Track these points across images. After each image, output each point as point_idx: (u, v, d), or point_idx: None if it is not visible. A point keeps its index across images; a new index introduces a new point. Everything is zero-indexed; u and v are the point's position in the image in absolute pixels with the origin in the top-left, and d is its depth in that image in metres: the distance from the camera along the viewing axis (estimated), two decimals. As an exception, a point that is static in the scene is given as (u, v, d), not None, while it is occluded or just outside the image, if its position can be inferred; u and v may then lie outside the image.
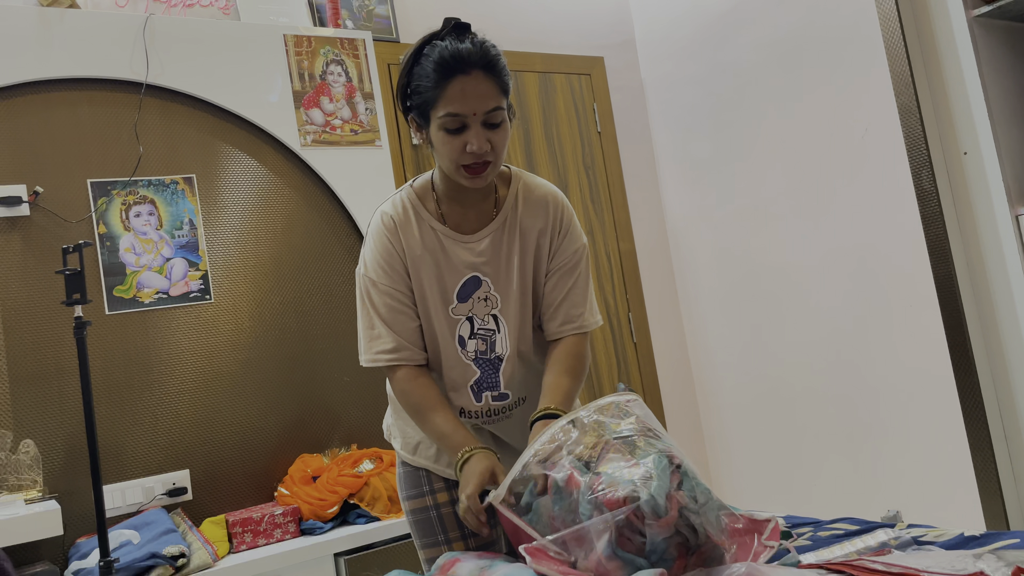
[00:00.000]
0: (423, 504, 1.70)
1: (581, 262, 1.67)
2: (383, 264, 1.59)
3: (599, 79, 3.80)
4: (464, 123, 1.47)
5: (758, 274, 3.46)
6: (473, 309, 1.62)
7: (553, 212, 1.65)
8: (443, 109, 1.46)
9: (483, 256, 1.61)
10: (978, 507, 2.69)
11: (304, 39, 2.92)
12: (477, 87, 1.45)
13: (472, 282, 1.62)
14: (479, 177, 1.51)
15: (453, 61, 1.45)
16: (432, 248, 1.60)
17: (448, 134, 1.48)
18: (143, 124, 2.65)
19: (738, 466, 3.66)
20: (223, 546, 2.40)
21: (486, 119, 1.47)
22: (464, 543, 1.66)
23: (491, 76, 1.47)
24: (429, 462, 1.71)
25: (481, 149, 1.47)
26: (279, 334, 2.78)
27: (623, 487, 1.16)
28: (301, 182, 2.89)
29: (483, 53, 1.47)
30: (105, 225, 2.56)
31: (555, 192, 1.69)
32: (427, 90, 1.47)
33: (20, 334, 2.40)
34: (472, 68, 1.45)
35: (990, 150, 2.58)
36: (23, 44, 2.47)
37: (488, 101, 1.47)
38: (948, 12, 2.63)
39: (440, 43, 1.48)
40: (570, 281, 1.66)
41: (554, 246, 1.65)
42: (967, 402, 2.67)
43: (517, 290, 1.63)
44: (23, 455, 2.28)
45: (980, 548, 1.27)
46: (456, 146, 1.48)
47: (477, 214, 1.63)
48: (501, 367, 1.64)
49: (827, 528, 1.61)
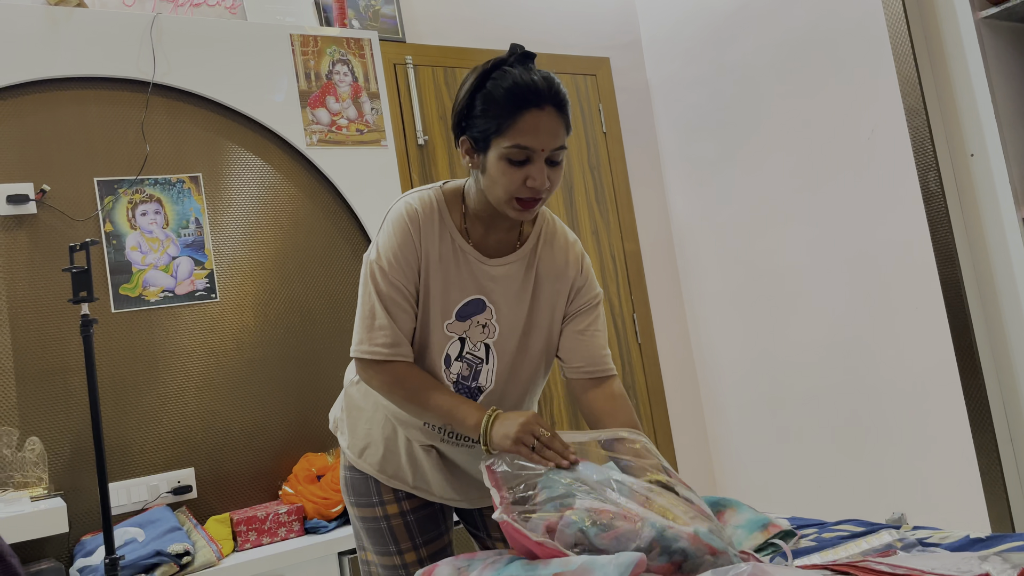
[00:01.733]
0: (372, 514, 1.67)
1: (599, 308, 1.66)
2: (398, 254, 1.53)
3: (605, 80, 3.80)
4: (529, 157, 1.44)
5: (763, 275, 3.46)
6: (468, 331, 1.57)
7: (574, 259, 1.64)
8: (511, 140, 1.43)
9: (495, 282, 1.58)
10: (983, 509, 2.69)
11: (310, 39, 2.93)
12: (549, 123, 1.44)
13: (475, 304, 1.58)
14: (529, 212, 1.49)
15: (528, 93, 1.42)
16: (447, 257, 1.55)
17: (510, 165, 1.45)
18: (150, 123, 2.65)
19: (743, 467, 3.65)
20: (227, 544, 2.40)
21: (550, 156, 1.46)
22: (416, 553, 1.65)
23: (561, 115, 1.46)
24: (373, 470, 1.66)
25: (542, 185, 1.45)
26: (284, 333, 2.78)
27: None
28: (307, 181, 2.89)
29: (556, 90, 1.45)
30: (111, 223, 2.56)
31: (576, 240, 1.69)
32: (496, 116, 1.44)
33: (27, 332, 2.41)
34: (545, 103, 1.43)
35: (997, 152, 2.57)
36: (31, 43, 2.48)
37: (557, 139, 1.45)
38: (955, 13, 2.62)
39: (511, 70, 1.45)
40: (591, 321, 1.64)
41: (573, 291, 1.64)
42: (973, 404, 2.67)
43: (522, 328, 1.60)
44: (29, 452, 2.29)
45: (985, 550, 1.27)
46: (516, 178, 1.45)
47: (498, 242, 1.59)
48: (480, 399, 1.60)
49: (832, 529, 1.60)
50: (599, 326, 1.64)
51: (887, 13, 2.75)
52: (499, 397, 1.62)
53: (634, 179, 3.82)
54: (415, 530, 1.67)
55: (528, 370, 1.64)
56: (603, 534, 1.18)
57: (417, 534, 1.67)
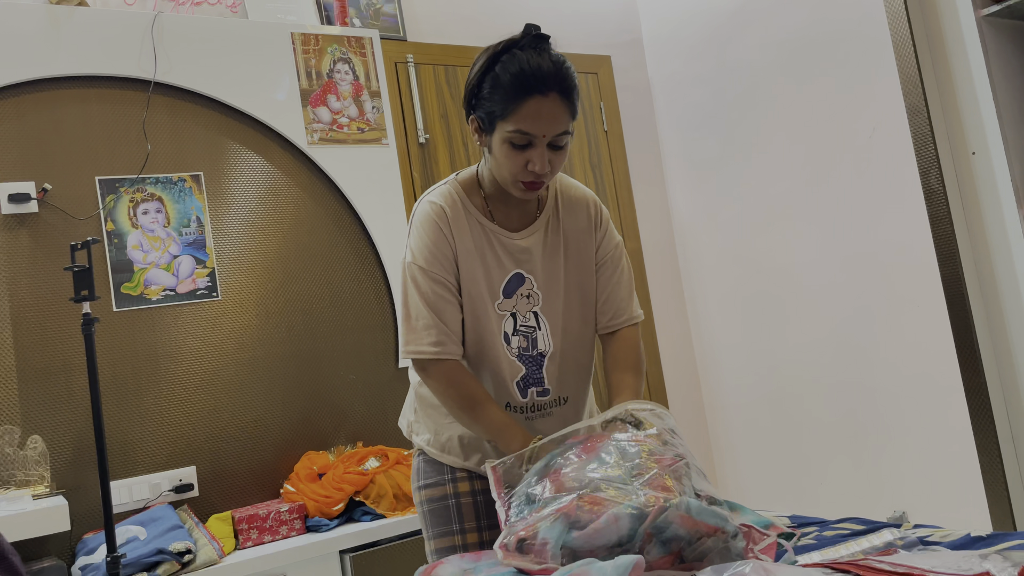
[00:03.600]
0: (442, 492, 1.67)
1: (622, 257, 1.73)
2: (433, 250, 1.56)
3: (606, 78, 3.79)
4: (531, 142, 1.48)
5: (764, 273, 3.45)
6: (516, 306, 1.64)
7: (593, 211, 1.71)
8: (513, 124, 1.46)
9: (527, 253, 1.63)
10: (985, 507, 2.69)
11: (311, 37, 2.93)
12: (552, 110, 1.46)
13: (516, 278, 1.64)
14: (532, 192, 1.55)
15: (533, 79, 1.44)
16: (480, 243, 1.61)
17: (513, 148, 1.49)
18: (151, 122, 2.65)
19: (744, 466, 3.65)
20: (229, 543, 2.41)
21: (553, 141, 1.49)
22: (479, 535, 1.64)
23: (566, 101, 1.48)
24: (457, 459, 1.68)
25: (543, 171, 1.49)
26: (286, 331, 2.79)
27: None
28: (308, 180, 2.89)
29: (563, 76, 1.47)
30: (113, 222, 2.57)
31: (590, 192, 1.74)
32: (500, 101, 1.47)
33: (28, 330, 2.42)
34: (550, 90, 1.45)
35: (998, 150, 2.57)
36: (32, 42, 2.48)
37: (559, 126, 1.48)
38: (957, 11, 2.62)
39: (520, 53, 1.47)
40: (615, 275, 1.70)
41: (596, 243, 1.70)
42: (974, 402, 2.67)
43: (562, 288, 1.66)
44: (31, 451, 2.29)
45: (986, 548, 1.27)
46: (518, 162, 1.50)
47: (520, 213, 1.65)
48: (544, 363, 1.65)
49: (833, 528, 1.60)
50: (620, 277, 1.71)
51: (888, 11, 2.75)
52: (560, 357, 1.67)
53: (635, 177, 3.82)
54: (483, 511, 1.65)
55: (577, 325, 1.70)
56: (579, 533, 1.17)
57: (484, 515, 1.65)
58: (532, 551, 1.20)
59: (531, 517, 1.24)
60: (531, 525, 1.22)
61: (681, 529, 1.16)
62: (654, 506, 1.17)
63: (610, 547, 1.16)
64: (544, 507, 1.24)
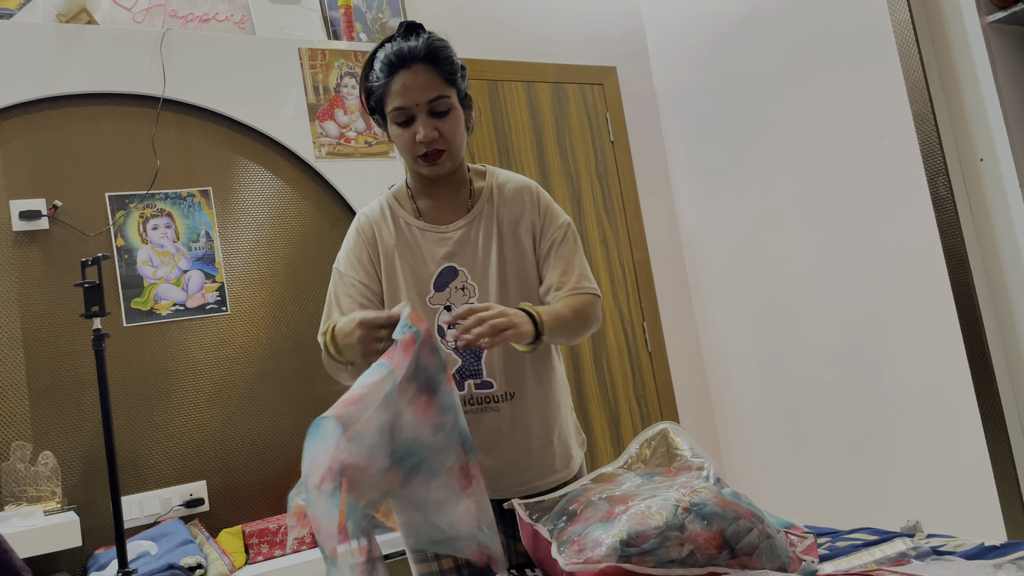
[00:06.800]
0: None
1: (567, 237, 1.69)
2: (349, 256, 1.67)
3: (612, 88, 3.80)
4: (411, 115, 1.56)
5: (773, 282, 3.45)
6: (451, 298, 1.65)
7: (530, 200, 1.70)
8: (391, 104, 1.56)
9: (458, 245, 1.65)
10: (999, 516, 2.67)
11: (318, 52, 2.94)
12: (417, 79, 1.54)
13: (448, 272, 1.65)
14: (436, 165, 1.60)
15: (396, 59, 1.55)
16: (404, 242, 1.66)
17: (399, 127, 1.58)
18: (160, 138, 2.67)
19: (755, 475, 3.64)
20: (240, 557, 2.41)
21: (431, 108, 1.56)
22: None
23: (432, 67, 1.56)
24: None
25: (427, 137, 1.56)
26: (295, 345, 2.79)
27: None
28: (316, 194, 2.90)
29: (426, 47, 1.55)
30: (123, 238, 2.58)
31: (529, 182, 1.75)
32: (378, 89, 1.58)
33: (39, 347, 2.43)
34: (413, 63, 1.55)
35: (1006, 156, 2.56)
36: (42, 60, 2.50)
37: (430, 91, 1.55)
38: (962, 18, 2.62)
39: (390, 44, 1.58)
40: (557, 255, 1.67)
41: (537, 231, 1.69)
42: (986, 410, 2.65)
43: (496, 280, 1.64)
44: (42, 467, 2.30)
45: (1000, 558, 1.26)
46: (407, 138, 1.58)
47: (452, 206, 1.69)
48: (483, 355, 1.64)
49: (845, 538, 1.59)
50: (565, 253, 1.67)
51: (893, 18, 2.75)
52: (503, 348, 1.63)
53: (642, 187, 3.82)
54: None
55: None
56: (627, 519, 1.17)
57: None
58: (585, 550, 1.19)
59: (571, 528, 1.23)
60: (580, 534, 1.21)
61: (717, 508, 1.17)
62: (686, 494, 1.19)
63: (657, 526, 1.15)
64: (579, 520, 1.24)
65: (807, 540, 1.28)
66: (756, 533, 1.17)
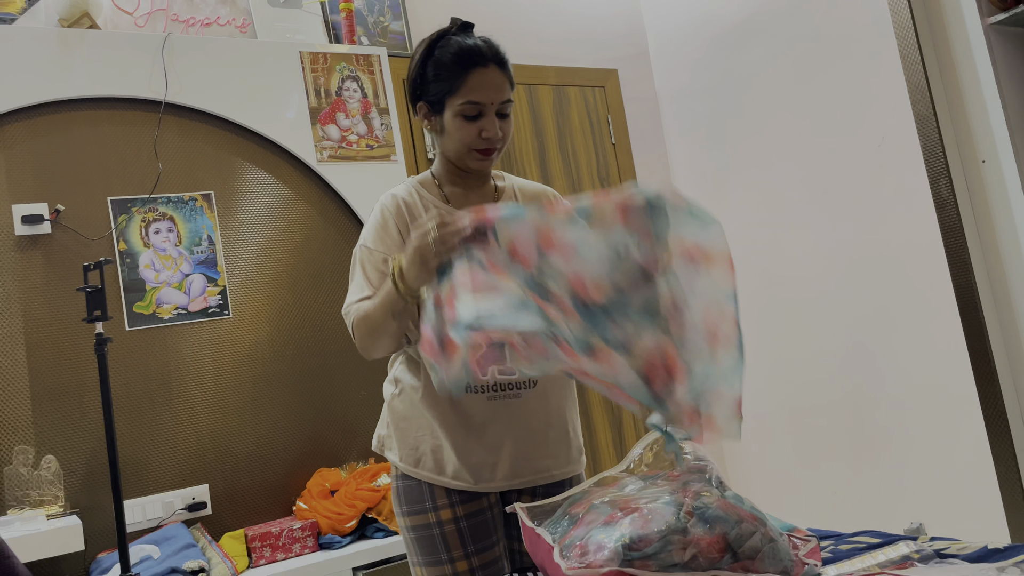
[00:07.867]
0: (425, 520, 1.66)
1: None
2: (379, 232, 1.66)
3: (613, 91, 3.80)
4: (481, 111, 1.61)
5: (775, 284, 3.44)
6: None
7: (553, 196, 1.79)
8: (463, 97, 1.60)
9: None
10: (1002, 519, 2.66)
11: (320, 56, 2.95)
12: (494, 79, 1.61)
13: None
14: (488, 160, 1.66)
15: (472, 54, 1.60)
16: None
17: (465, 120, 1.61)
18: (162, 142, 2.68)
19: (757, 478, 3.63)
20: (242, 561, 2.41)
21: (500, 109, 1.63)
22: (468, 562, 1.63)
23: (504, 71, 1.63)
24: (432, 474, 1.66)
25: (496, 135, 1.62)
26: (297, 349, 2.79)
27: None
28: (318, 197, 2.91)
29: (496, 50, 1.63)
30: (125, 242, 2.59)
31: (547, 187, 1.83)
32: (447, 79, 1.60)
33: (42, 351, 2.43)
34: (489, 62, 1.61)
35: (1008, 158, 2.56)
36: (44, 65, 2.51)
37: (503, 93, 1.63)
38: (964, 19, 2.62)
39: (453, 38, 1.62)
40: None
41: None
42: (989, 412, 2.65)
43: None
44: (45, 471, 2.30)
45: (1004, 561, 1.26)
46: (472, 131, 1.62)
47: (479, 197, 1.72)
48: (506, 344, 1.64)
49: (848, 541, 1.59)
50: None
51: (895, 20, 2.75)
52: None
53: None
54: (467, 537, 1.64)
55: None
56: (630, 523, 1.17)
57: (469, 542, 1.64)
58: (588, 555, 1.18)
59: (573, 532, 1.23)
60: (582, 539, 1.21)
61: (720, 511, 1.17)
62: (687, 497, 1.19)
63: (660, 530, 1.15)
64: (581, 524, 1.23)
65: (810, 543, 1.28)
66: (759, 537, 1.17)
